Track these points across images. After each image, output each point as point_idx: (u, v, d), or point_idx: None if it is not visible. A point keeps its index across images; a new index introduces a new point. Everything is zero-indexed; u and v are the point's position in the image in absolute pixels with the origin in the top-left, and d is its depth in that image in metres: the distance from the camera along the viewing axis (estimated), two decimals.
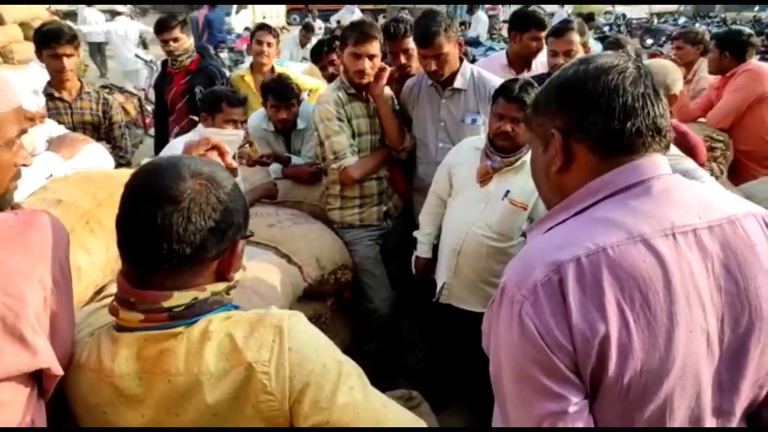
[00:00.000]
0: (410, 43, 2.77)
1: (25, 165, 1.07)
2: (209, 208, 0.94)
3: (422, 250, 2.59)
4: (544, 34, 3.15)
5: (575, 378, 0.83)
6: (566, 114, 0.93)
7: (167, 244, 0.91)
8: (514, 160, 2.20)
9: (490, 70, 2.87)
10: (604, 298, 0.81)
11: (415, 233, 2.63)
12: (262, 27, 3.79)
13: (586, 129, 0.91)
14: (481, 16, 14.64)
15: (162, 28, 3.51)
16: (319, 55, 3.78)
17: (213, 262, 0.98)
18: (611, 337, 0.81)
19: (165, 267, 0.94)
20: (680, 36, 4.23)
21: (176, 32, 3.50)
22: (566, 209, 0.94)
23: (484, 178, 2.25)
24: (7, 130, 0.99)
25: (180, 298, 0.94)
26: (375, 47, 2.51)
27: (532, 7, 3.24)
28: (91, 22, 9.96)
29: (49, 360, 0.90)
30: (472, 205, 2.28)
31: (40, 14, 7.38)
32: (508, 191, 2.20)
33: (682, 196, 0.89)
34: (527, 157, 2.13)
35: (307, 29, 7.90)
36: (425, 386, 2.40)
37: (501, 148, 2.20)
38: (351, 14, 9.60)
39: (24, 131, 1.04)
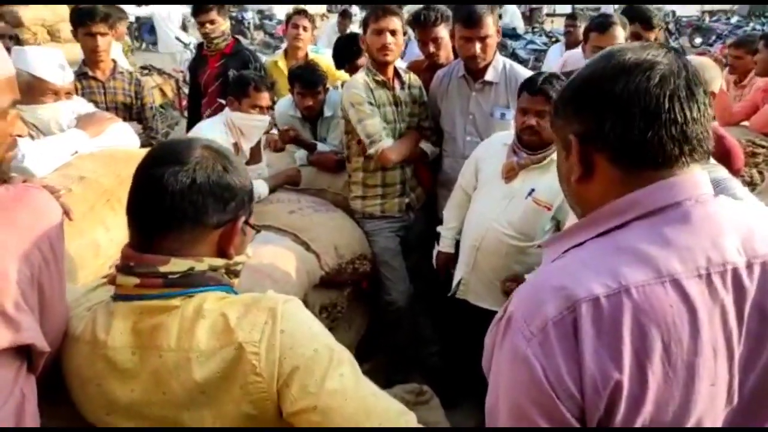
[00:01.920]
0: (440, 32, 2.74)
1: (20, 135, 1.09)
2: (215, 174, 0.98)
3: (445, 245, 2.55)
4: (651, 34, 3.05)
5: (578, 425, 0.75)
6: (583, 119, 0.83)
7: (170, 199, 0.95)
8: (541, 158, 2.14)
9: None
10: (622, 345, 0.73)
11: (439, 228, 2.59)
12: (299, 12, 3.78)
13: (604, 138, 0.80)
14: (508, 7, 14.21)
15: (199, 10, 3.52)
16: (347, 57, 3.19)
17: (214, 232, 1.00)
18: (623, 388, 0.73)
19: (167, 224, 0.96)
20: (740, 45, 4.03)
21: (213, 14, 3.51)
22: (587, 228, 0.84)
23: (509, 174, 2.20)
24: (2, 100, 0.99)
25: (177, 265, 0.96)
26: (396, 23, 2.49)
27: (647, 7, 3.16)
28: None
29: (33, 337, 0.91)
30: (496, 201, 2.23)
31: None
32: (532, 189, 2.14)
33: (723, 225, 0.78)
34: (555, 156, 2.07)
35: (344, 16, 7.83)
36: (439, 381, 2.38)
37: (528, 144, 2.15)
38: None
39: (17, 101, 1.05)
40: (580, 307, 0.73)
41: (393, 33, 2.48)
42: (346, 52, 3.21)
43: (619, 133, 0.79)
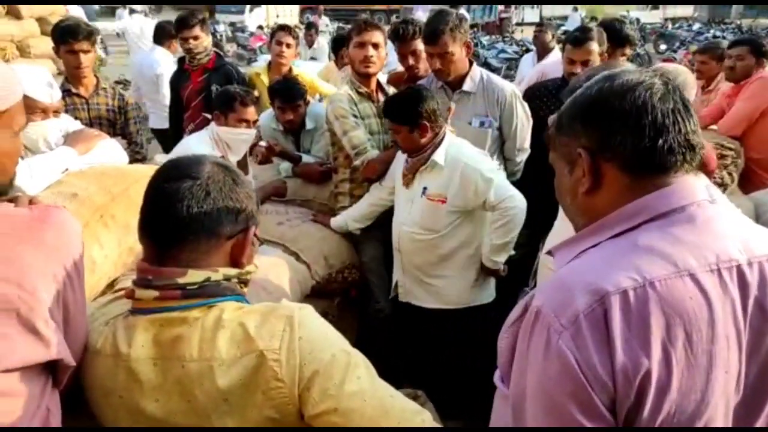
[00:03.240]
0: (419, 44, 2.80)
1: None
2: (226, 188, 1.04)
3: (335, 218, 2.68)
4: (627, 49, 3.19)
5: (609, 416, 0.79)
6: (592, 133, 0.90)
7: (187, 211, 0.99)
8: (423, 160, 2.34)
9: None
10: (650, 335, 0.77)
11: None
12: (283, 28, 3.80)
13: (614, 148, 0.88)
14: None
15: (182, 26, 3.51)
16: (339, 47, 3.91)
17: (227, 243, 1.04)
18: (652, 377, 0.77)
19: (183, 236, 1.00)
20: (706, 51, 4.19)
21: (196, 30, 3.51)
22: (599, 232, 0.89)
23: (405, 180, 2.43)
24: (19, 120, 1.05)
25: (194, 276, 0.99)
26: (378, 36, 2.57)
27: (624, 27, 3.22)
28: None
29: (61, 351, 0.93)
30: (402, 205, 2.47)
31: (57, 9, 7.44)
32: (425, 188, 2.36)
33: (724, 228, 0.86)
34: (437, 156, 2.31)
35: (309, 28, 7.93)
36: (429, 387, 2.42)
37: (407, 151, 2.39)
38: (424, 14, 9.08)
39: (27, 121, 1.10)
40: (610, 300, 0.78)
41: (375, 46, 2.55)
42: (339, 44, 4.05)
43: (630, 143, 0.86)
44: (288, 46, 3.68)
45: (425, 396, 2.11)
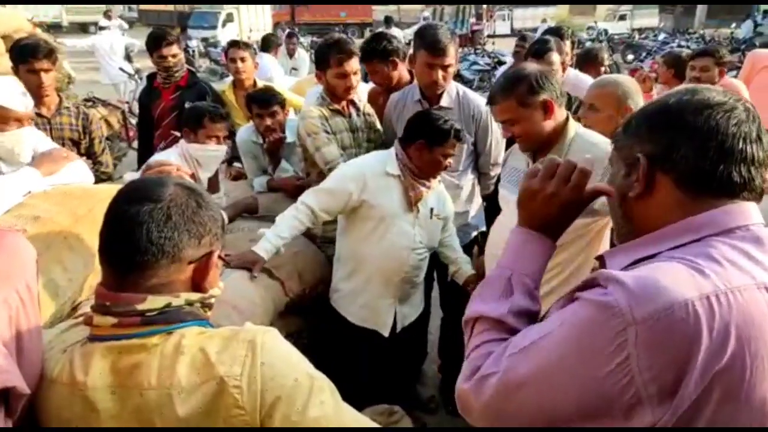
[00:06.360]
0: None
1: None
2: (189, 210, 1.00)
3: (264, 249, 2.20)
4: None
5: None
6: (656, 141, 0.90)
7: (146, 236, 0.95)
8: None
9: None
10: (730, 342, 0.77)
11: (266, 231, 2.27)
12: (233, 44, 3.75)
13: (673, 161, 0.88)
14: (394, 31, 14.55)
15: (161, 44, 3.43)
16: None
17: (189, 267, 1.01)
18: (722, 381, 0.78)
19: (143, 261, 0.96)
20: (666, 60, 4.32)
21: (175, 48, 3.48)
22: (660, 241, 0.90)
23: (412, 204, 2.32)
24: None
25: (154, 302, 0.96)
26: (356, 63, 2.60)
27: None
28: None
29: (13, 379, 0.90)
30: (405, 229, 2.33)
31: (23, 26, 7.30)
32: (432, 209, 2.38)
33: None
34: None
35: (290, 37, 7.96)
36: (407, 402, 2.40)
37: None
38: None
39: None
40: (694, 305, 0.78)
41: (356, 73, 2.60)
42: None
43: (691, 160, 0.86)
44: (243, 60, 3.63)
45: (402, 411, 2.10)
